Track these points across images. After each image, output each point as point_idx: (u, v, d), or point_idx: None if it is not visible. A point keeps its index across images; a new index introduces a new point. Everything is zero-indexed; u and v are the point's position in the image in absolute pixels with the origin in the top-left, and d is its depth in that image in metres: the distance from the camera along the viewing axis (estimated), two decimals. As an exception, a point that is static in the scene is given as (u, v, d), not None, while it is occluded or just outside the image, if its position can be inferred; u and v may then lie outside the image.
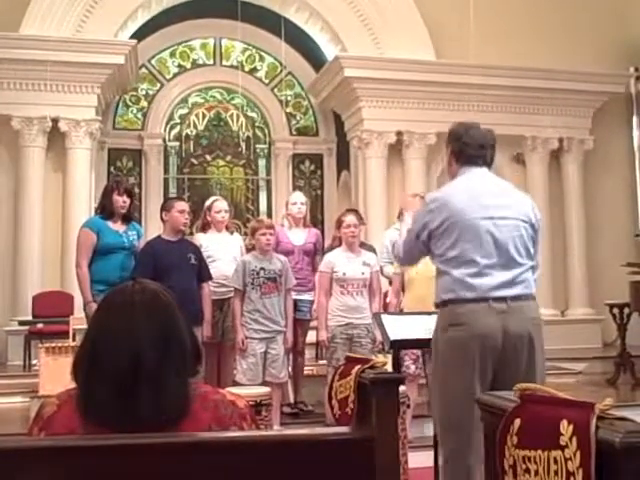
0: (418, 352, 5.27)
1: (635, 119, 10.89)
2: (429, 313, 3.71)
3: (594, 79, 10.31)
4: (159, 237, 5.52)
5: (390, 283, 5.92)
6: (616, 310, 7.95)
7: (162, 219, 5.50)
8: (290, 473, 1.50)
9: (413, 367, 5.31)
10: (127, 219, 5.44)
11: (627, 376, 7.70)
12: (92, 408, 1.58)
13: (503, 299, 3.03)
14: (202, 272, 5.46)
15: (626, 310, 7.86)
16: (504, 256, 3.07)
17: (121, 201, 5.34)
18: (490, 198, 3.15)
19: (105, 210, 5.38)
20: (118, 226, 5.36)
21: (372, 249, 6.02)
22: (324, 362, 5.93)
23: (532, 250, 3.18)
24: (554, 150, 10.58)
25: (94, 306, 5.09)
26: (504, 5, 10.33)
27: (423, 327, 3.77)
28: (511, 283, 3.06)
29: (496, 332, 2.99)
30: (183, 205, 5.53)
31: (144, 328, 1.63)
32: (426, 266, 3.55)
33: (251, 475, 1.48)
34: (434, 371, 3.23)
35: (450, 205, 3.13)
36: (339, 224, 5.62)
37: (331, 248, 5.84)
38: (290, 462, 1.50)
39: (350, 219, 5.55)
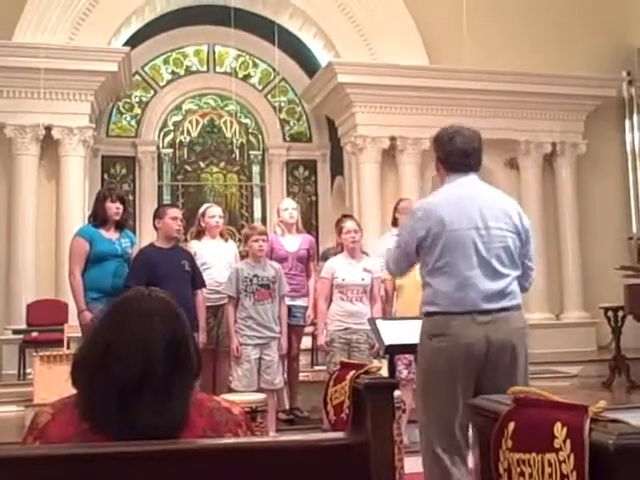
0: (411, 357, 5.27)
1: (628, 123, 10.92)
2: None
3: (587, 83, 10.35)
4: (152, 245, 5.50)
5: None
6: (610, 313, 7.96)
7: (155, 226, 5.48)
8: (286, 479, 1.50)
9: (405, 372, 5.31)
10: (120, 226, 5.42)
11: (622, 379, 7.71)
12: (94, 413, 1.58)
13: (487, 312, 3.03)
14: (196, 279, 5.44)
15: (620, 313, 7.87)
16: (488, 268, 3.07)
17: (114, 208, 5.31)
18: (476, 208, 3.13)
19: (98, 218, 5.35)
20: (111, 234, 5.33)
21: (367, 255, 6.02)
22: (319, 368, 5.93)
23: (518, 260, 3.16)
24: (547, 154, 10.61)
25: (88, 314, 5.08)
26: (497, 10, 10.36)
27: (417, 332, 3.77)
28: (496, 296, 3.06)
29: (480, 342, 3.00)
30: (176, 212, 5.50)
31: (159, 337, 1.63)
32: (414, 273, 3.56)
33: (246, 481, 1.48)
34: (417, 378, 3.23)
35: (435, 215, 3.13)
36: (339, 230, 5.61)
37: (334, 254, 5.84)
38: (286, 468, 1.50)
39: (350, 225, 5.55)
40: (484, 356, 3.01)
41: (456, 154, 3.22)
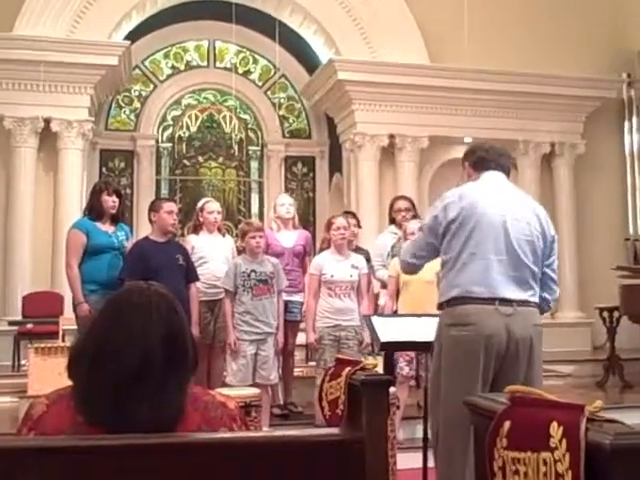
0: (412, 354, 5.27)
1: (627, 124, 10.92)
2: (420, 315, 3.72)
3: (586, 84, 10.36)
4: (147, 238, 5.50)
5: (382, 286, 5.92)
6: (606, 313, 7.98)
7: (150, 220, 5.48)
8: (280, 474, 1.50)
9: (407, 369, 5.30)
10: (115, 219, 5.42)
11: (616, 379, 7.73)
12: (89, 406, 1.58)
13: (509, 302, 3.03)
14: (190, 273, 5.44)
15: (616, 314, 7.89)
16: (514, 255, 3.09)
17: (110, 201, 5.32)
18: (506, 198, 3.20)
19: (94, 211, 5.36)
20: (107, 227, 5.34)
21: (367, 254, 6.01)
22: (314, 363, 5.93)
23: (539, 260, 3.18)
24: (546, 154, 10.62)
25: (85, 306, 5.09)
26: (498, 10, 10.35)
27: (414, 329, 3.77)
28: (519, 286, 3.08)
29: (501, 334, 3.01)
30: (171, 206, 5.50)
31: (157, 331, 1.63)
32: (423, 270, 3.54)
33: (241, 476, 1.48)
34: (436, 370, 3.20)
35: (467, 198, 3.17)
36: (328, 226, 5.61)
37: (321, 250, 5.84)
38: (280, 463, 1.50)
39: (340, 221, 5.54)
40: (505, 350, 3.02)
41: (490, 153, 3.34)
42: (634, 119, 10.83)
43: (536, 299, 3.16)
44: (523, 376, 3.02)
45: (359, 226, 6.32)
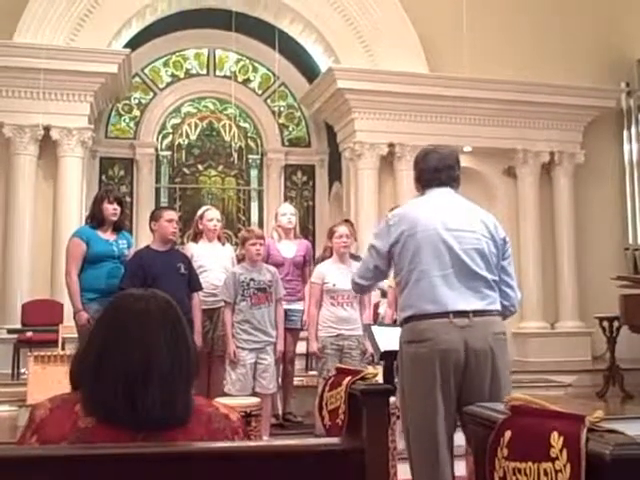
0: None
1: (626, 134, 10.94)
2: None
3: (586, 93, 10.37)
4: (148, 247, 5.50)
5: (382, 295, 5.91)
6: (606, 323, 7.96)
7: (151, 229, 5.48)
8: (280, 484, 1.50)
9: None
10: (117, 228, 5.42)
11: (616, 389, 7.70)
12: (102, 405, 1.59)
13: (465, 314, 3.02)
14: (192, 282, 5.43)
15: (616, 323, 7.86)
16: (461, 266, 3.08)
17: (111, 209, 5.32)
18: (448, 212, 3.19)
19: (95, 219, 5.36)
20: (108, 235, 5.34)
21: None
22: (314, 373, 5.91)
23: (494, 265, 3.16)
24: (545, 163, 10.63)
25: (84, 315, 5.08)
26: (497, 19, 10.39)
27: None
28: (472, 296, 3.06)
29: (458, 347, 2.98)
30: (172, 214, 5.50)
31: (158, 333, 1.66)
32: None
33: (241, 485, 1.48)
34: (400, 385, 3.21)
35: (407, 218, 3.19)
36: (331, 234, 5.61)
37: (322, 258, 5.83)
38: (280, 473, 1.50)
39: (342, 230, 5.54)
40: (463, 364, 2.99)
41: (428, 171, 3.32)
42: (633, 128, 10.85)
43: (496, 306, 3.13)
44: (488, 388, 2.99)
45: (355, 238, 6.30)
